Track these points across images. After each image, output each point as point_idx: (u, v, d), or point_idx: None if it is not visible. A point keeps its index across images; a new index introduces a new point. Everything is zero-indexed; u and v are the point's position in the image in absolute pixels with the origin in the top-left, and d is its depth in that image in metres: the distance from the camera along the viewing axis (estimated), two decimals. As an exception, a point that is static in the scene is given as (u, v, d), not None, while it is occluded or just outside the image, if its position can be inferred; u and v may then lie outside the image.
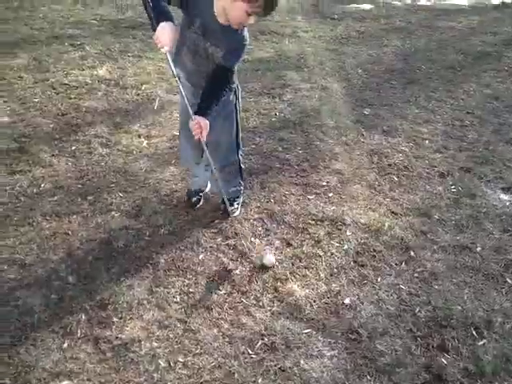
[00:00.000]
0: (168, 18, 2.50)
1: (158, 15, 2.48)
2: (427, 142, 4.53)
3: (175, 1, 2.59)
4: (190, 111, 2.70)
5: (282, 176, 3.87)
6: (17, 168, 3.75)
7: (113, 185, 3.64)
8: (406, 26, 8.19)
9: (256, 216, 3.43)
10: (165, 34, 2.47)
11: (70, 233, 3.18)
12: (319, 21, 8.18)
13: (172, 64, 2.63)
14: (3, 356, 2.42)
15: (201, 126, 2.67)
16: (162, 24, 2.46)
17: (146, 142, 4.23)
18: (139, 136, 4.30)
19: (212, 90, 2.74)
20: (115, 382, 2.33)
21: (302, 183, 3.80)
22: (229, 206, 3.26)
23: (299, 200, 3.61)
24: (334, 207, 3.55)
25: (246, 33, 2.67)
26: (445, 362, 2.50)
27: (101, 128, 4.35)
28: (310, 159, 4.12)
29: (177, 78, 2.66)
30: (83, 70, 5.54)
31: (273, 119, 4.76)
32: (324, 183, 3.82)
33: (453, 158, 4.27)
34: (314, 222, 3.39)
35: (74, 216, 3.32)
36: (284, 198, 3.62)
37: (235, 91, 3.01)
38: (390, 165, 4.12)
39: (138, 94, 5.06)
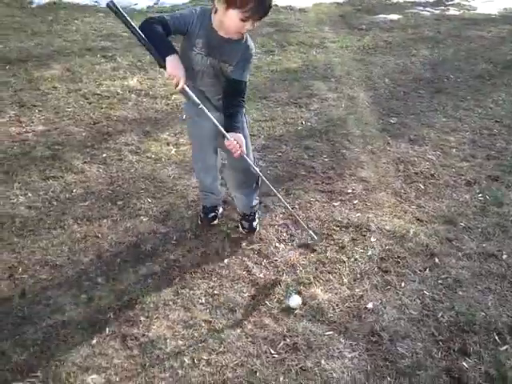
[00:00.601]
0: (173, 49, 2.43)
1: (162, 49, 2.40)
2: (454, 150, 4.53)
3: (178, 30, 2.51)
4: (223, 131, 2.62)
5: (308, 183, 3.92)
6: (50, 174, 3.89)
7: (142, 191, 3.75)
8: (434, 35, 8.16)
9: (281, 222, 3.48)
10: (177, 67, 2.41)
11: (99, 236, 3.28)
12: (347, 31, 8.21)
13: (192, 94, 2.55)
14: (36, 350, 2.52)
15: (238, 142, 2.61)
16: (170, 58, 2.39)
17: (174, 149, 4.33)
18: (168, 144, 4.41)
19: (233, 105, 2.68)
20: (141, 377, 2.41)
21: (327, 190, 3.84)
22: (253, 222, 3.35)
23: (324, 207, 3.65)
24: (358, 214, 3.58)
25: (250, 41, 2.64)
26: (466, 366, 2.50)
27: (131, 136, 4.48)
28: (336, 167, 4.16)
29: (202, 106, 2.57)
30: (114, 80, 5.70)
31: (299, 128, 4.82)
32: (349, 190, 3.85)
33: (480, 167, 4.25)
34: (338, 229, 3.43)
35: (104, 220, 3.43)
36: (309, 204, 3.67)
37: None
38: (416, 173, 4.13)
39: (168, 104, 5.18)
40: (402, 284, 3.00)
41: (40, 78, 5.59)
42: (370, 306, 2.85)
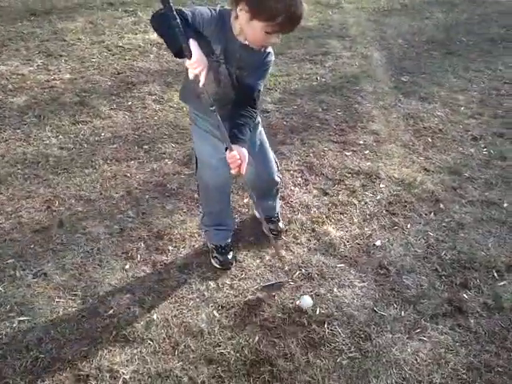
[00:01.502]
0: (194, 36, 2.05)
1: (185, 33, 1.98)
2: (463, 108, 4.71)
3: (195, 27, 2.14)
4: (228, 141, 2.28)
5: (322, 134, 4.14)
6: (79, 119, 4.12)
7: (165, 136, 3.98)
8: (449, -1, 8.24)
9: (296, 168, 3.71)
10: (202, 54, 2.04)
11: (128, 175, 3.53)
12: (363, -7, 8.29)
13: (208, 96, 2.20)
14: (75, 273, 2.80)
15: (240, 157, 2.27)
16: (195, 43, 2.01)
17: (195, 100, 4.54)
18: (189, 95, 4.61)
19: (242, 115, 2.40)
20: (171, 296, 2.68)
21: (340, 141, 4.06)
22: (279, 222, 3.15)
23: (337, 156, 3.87)
24: (369, 163, 3.80)
25: (270, 49, 2.39)
26: (466, 297, 2.76)
27: (154, 86, 4.69)
28: (349, 120, 4.36)
29: (214, 107, 2.20)
30: (136, 34, 5.88)
31: (314, 83, 5.00)
32: (361, 142, 4.07)
33: (486, 124, 4.45)
34: (350, 175, 3.66)
35: (132, 162, 3.67)
36: (322, 153, 3.89)
37: None
38: (425, 128, 4.33)
39: (187, 58, 5.35)
40: (409, 225, 3.24)
41: (64, 30, 5.77)
42: (378, 243, 3.10)
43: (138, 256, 2.92)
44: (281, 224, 3.14)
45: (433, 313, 2.65)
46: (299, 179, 3.60)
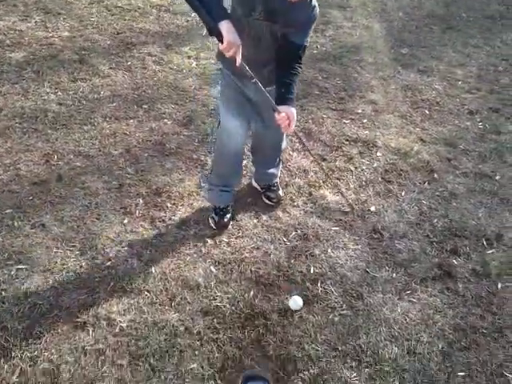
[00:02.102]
0: (227, 15, 2.09)
1: (215, 13, 2.04)
2: (460, 82, 4.74)
3: (223, 14, 2.10)
4: (274, 105, 2.28)
5: (321, 101, 4.16)
6: (78, 76, 4.10)
7: (165, 97, 3.98)
8: (451, -26, 8.17)
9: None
10: (234, 37, 2.05)
11: (127, 133, 3.54)
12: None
13: (246, 66, 2.17)
14: (73, 225, 2.83)
15: (289, 117, 2.29)
16: (226, 25, 2.03)
17: (195, 63, 4.52)
18: (189, 57, 4.60)
19: (289, 73, 2.36)
20: (169, 251, 2.73)
21: (338, 109, 4.08)
22: (278, 190, 3.13)
23: (335, 123, 3.90)
24: (367, 131, 3.84)
25: (314, 2, 2.30)
26: (455, 263, 2.83)
27: (153, 48, 4.65)
28: (348, 89, 4.38)
29: (256, 79, 2.19)
30: (135, -6, 5.80)
31: (314, 51, 4.99)
32: (359, 111, 4.09)
33: (483, 99, 4.48)
34: (347, 142, 3.70)
35: (131, 120, 3.68)
36: (321, 120, 3.92)
37: None
38: (422, 100, 4.36)
39: (188, 21, 5.30)
40: (403, 193, 3.30)
41: (63, -13, 5.68)
42: (372, 209, 3.15)
43: (137, 212, 2.95)
44: (280, 192, 3.14)
45: (423, 276, 2.73)
46: (297, 144, 3.63)
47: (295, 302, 2.50)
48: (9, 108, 3.69)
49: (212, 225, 2.91)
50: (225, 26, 2.02)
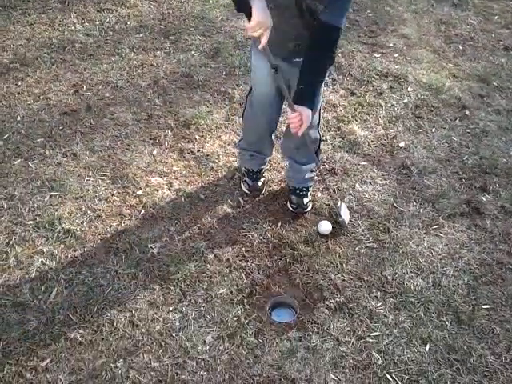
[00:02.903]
0: None
1: None
2: (496, 17, 4.56)
3: None
4: (289, 101, 2.05)
5: (351, 35, 4.05)
6: (104, 6, 4.04)
7: (192, 28, 3.91)
8: None
9: (324, 67, 3.66)
10: (265, 16, 1.77)
11: (155, 64, 3.52)
12: None
13: (270, 52, 1.93)
14: (104, 155, 2.87)
15: (302, 118, 2.02)
16: (258, 4, 1.76)
17: (222, -7, 4.42)
18: (216, -12, 4.48)
19: (315, 69, 2.04)
20: (198, 182, 2.76)
21: (369, 43, 3.98)
22: (304, 198, 2.67)
23: (366, 57, 3.81)
24: (398, 66, 3.75)
25: None
26: (484, 200, 2.82)
27: (180, -23, 4.54)
28: (379, 22, 4.25)
29: (276, 69, 1.98)
30: None
31: (345, -17, 4.82)
32: (391, 45, 3.99)
33: (520, 35, 4.33)
34: (378, 77, 3.62)
35: (158, 52, 3.64)
36: (351, 53, 3.83)
37: None
38: (456, 34, 4.23)
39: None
40: (433, 129, 3.25)
41: None
42: (402, 144, 3.12)
43: (166, 143, 2.97)
44: (306, 200, 2.66)
45: (451, 212, 2.72)
46: (327, 78, 3.53)
47: (324, 225, 2.51)
48: (36, 38, 3.67)
49: (245, 189, 2.73)
50: (258, 4, 1.74)
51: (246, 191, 2.72)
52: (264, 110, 2.43)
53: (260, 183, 2.73)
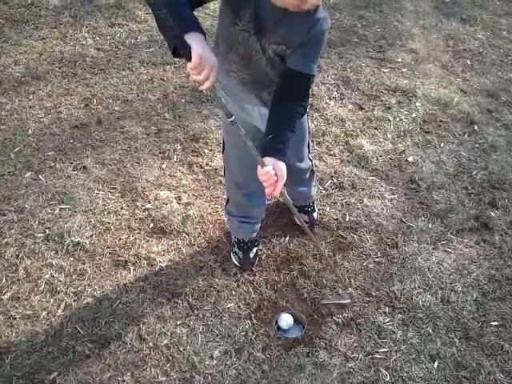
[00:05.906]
0: (197, 26, 1.48)
1: (182, 24, 1.45)
2: (504, 32, 4.57)
3: (192, 24, 1.48)
4: (257, 156, 1.68)
5: (359, 49, 4.07)
6: (115, 21, 4.09)
7: (202, 43, 3.94)
8: None
9: (332, 81, 3.69)
10: (208, 56, 1.45)
11: (165, 79, 3.55)
12: None
13: (223, 99, 1.70)
14: (114, 168, 2.89)
15: (276, 173, 1.66)
16: (196, 38, 1.44)
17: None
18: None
19: (285, 114, 1.78)
20: (206, 195, 2.77)
21: (377, 57, 4.00)
22: (313, 213, 2.67)
23: (374, 72, 3.83)
24: (406, 81, 3.76)
25: (322, 13, 1.72)
26: (493, 215, 2.81)
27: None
28: (387, 37, 4.27)
29: (233, 119, 1.61)
30: None
31: (353, -2, 4.86)
32: (399, 59, 4.00)
33: (529, 50, 4.34)
34: (386, 92, 3.63)
35: (168, 66, 3.68)
36: (360, 68, 3.85)
37: None
38: (464, 49, 4.23)
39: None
40: (442, 144, 3.25)
41: None
42: (410, 159, 3.12)
43: (175, 156, 2.99)
44: (315, 214, 2.67)
45: (459, 227, 2.72)
46: (335, 93, 3.59)
47: (285, 320, 2.23)
48: (48, 52, 3.72)
49: (235, 261, 2.45)
50: (196, 37, 1.44)
51: (237, 264, 2.44)
52: (245, 164, 2.14)
53: (252, 254, 2.45)
